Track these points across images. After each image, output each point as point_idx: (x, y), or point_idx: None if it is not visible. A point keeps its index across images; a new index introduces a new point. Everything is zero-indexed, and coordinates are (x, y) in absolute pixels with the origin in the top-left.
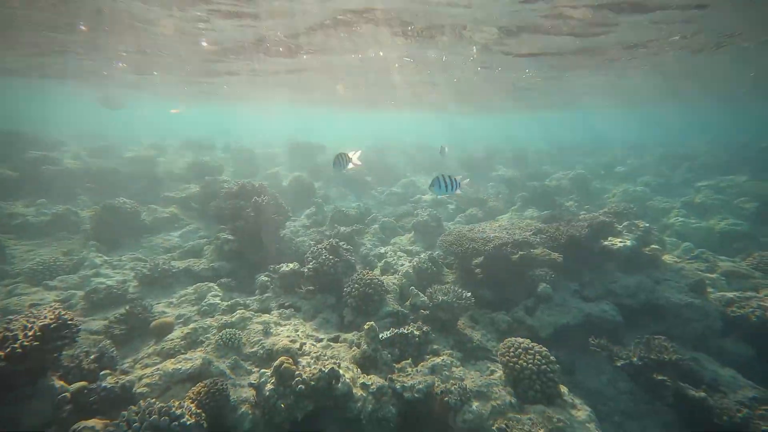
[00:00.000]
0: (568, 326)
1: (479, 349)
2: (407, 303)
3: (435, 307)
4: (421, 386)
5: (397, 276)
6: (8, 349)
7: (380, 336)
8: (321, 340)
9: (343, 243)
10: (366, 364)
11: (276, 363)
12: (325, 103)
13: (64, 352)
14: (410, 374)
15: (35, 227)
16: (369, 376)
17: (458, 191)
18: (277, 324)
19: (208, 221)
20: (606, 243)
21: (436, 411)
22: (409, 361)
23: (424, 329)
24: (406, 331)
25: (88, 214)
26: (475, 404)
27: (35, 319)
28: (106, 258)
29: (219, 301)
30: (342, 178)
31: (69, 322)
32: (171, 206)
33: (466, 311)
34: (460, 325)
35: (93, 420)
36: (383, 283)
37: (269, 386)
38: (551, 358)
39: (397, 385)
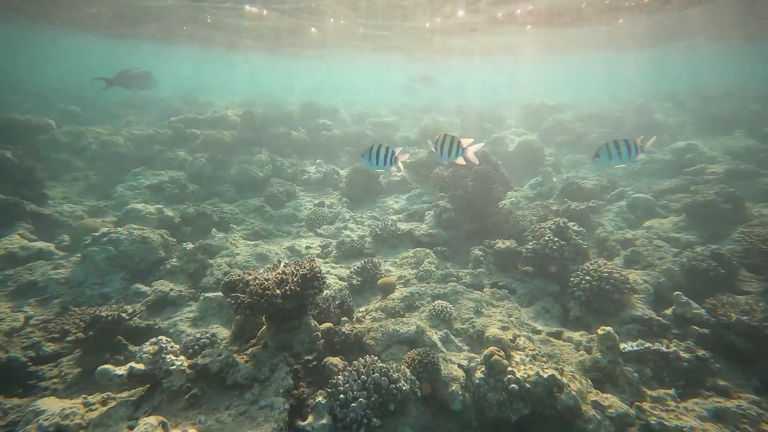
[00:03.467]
0: None
1: None
2: (668, 312)
3: (723, 327)
4: None
5: (651, 273)
6: (283, 290)
7: (621, 347)
8: (538, 332)
9: (573, 224)
10: (599, 377)
11: (486, 352)
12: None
13: (318, 296)
14: (674, 411)
15: (314, 182)
16: (605, 395)
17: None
18: (488, 304)
19: (433, 186)
20: None
21: None
22: (671, 391)
23: (699, 354)
24: (665, 349)
25: (344, 174)
26: None
27: (299, 268)
28: (353, 213)
29: (434, 269)
30: (578, 144)
31: (318, 275)
32: (402, 170)
33: None
34: None
35: (336, 358)
36: (627, 279)
37: (479, 374)
38: None
39: (652, 420)
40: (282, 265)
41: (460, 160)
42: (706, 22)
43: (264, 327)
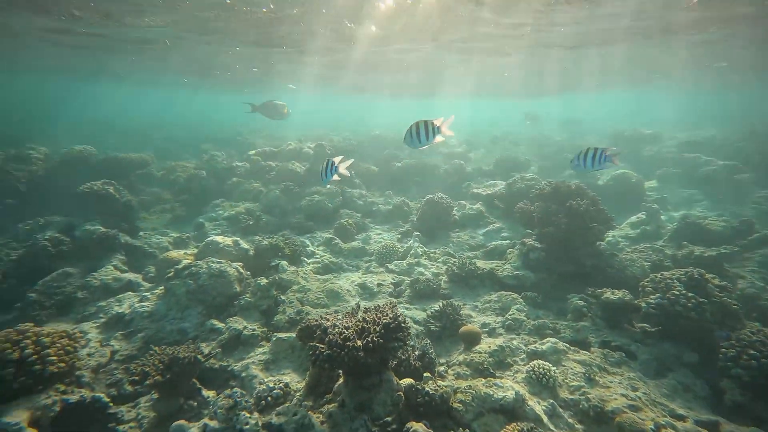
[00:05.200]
0: None
1: None
2: None
3: None
4: None
5: None
6: (365, 342)
7: None
8: (681, 419)
9: (713, 277)
10: None
11: None
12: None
13: (402, 349)
14: None
15: (384, 214)
16: None
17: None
18: (602, 369)
19: (512, 221)
20: None
21: None
22: None
23: None
24: None
25: (414, 206)
26: None
27: (381, 315)
28: (425, 249)
29: (524, 318)
30: (689, 176)
31: (402, 325)
32: (477, 203)
33: None
34: None
35: (420, 425)
36: None
37: None
38: None
39: None
40: (361, 310)
41: (439, 138)
42: None
43: (341, 380)
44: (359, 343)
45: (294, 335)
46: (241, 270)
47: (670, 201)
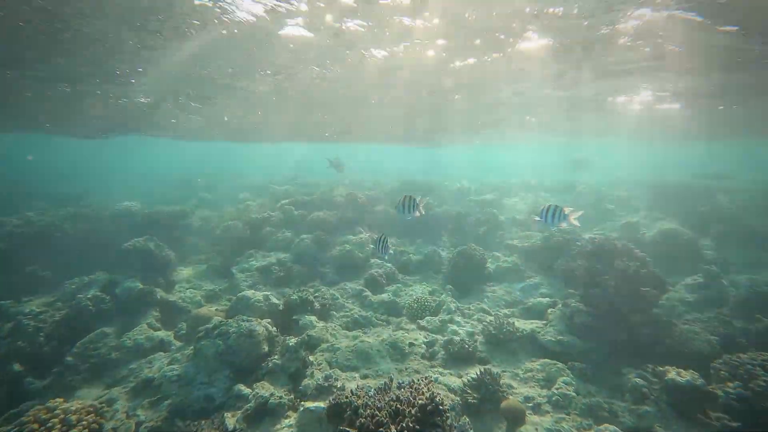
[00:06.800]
0: None
1: None
2: None
3: None
4: None
5: None
6: (399, 426)
7: None
8: None
9: None
10: None
11: None
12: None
13: None
14: None
15: (414, 265)
16: None
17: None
18: None
19: (550, 276)
20: None
21: None
22: None
23: None
24: None
25: (446, 256)
26: None
27: (416, 394)
28: (458, 304)
29: (573, 393)
30: (750, 236)
31: (440, 408)
32: (512, 255)
33: None
34: None
35: None
36: None
37: None
38: None
39: None
40: (394, 384)
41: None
42: None
43: None
44: (393, 429)
45: (322, 405)
46: (270, 328)
47: (734, 262)
